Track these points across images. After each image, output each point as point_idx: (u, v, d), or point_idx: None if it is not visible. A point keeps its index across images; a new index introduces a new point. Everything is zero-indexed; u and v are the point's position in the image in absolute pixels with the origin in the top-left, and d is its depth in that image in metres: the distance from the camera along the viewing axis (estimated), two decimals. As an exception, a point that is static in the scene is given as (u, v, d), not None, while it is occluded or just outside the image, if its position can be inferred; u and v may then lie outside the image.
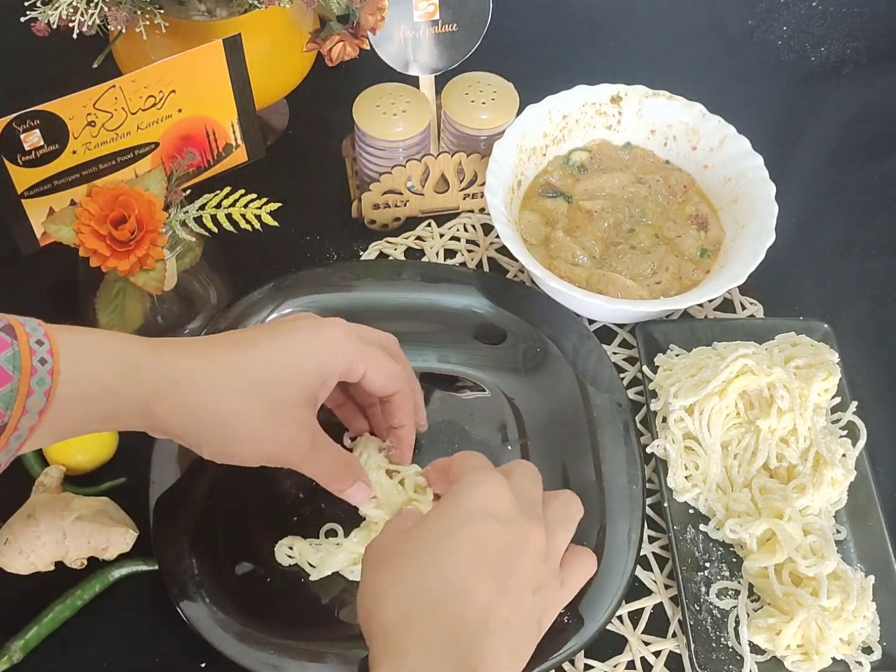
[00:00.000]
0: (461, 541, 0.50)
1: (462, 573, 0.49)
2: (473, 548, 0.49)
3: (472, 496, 0.51)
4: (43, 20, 0.67)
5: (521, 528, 0.51)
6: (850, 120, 0.99)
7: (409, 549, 0.51)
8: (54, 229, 0.65)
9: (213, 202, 0.69)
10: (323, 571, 0.64)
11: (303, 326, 0.59)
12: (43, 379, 0.49)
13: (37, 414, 0.49)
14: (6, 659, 0.62)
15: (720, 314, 0.83)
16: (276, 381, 0.56)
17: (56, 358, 0.50)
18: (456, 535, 0.50)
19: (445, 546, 0.50)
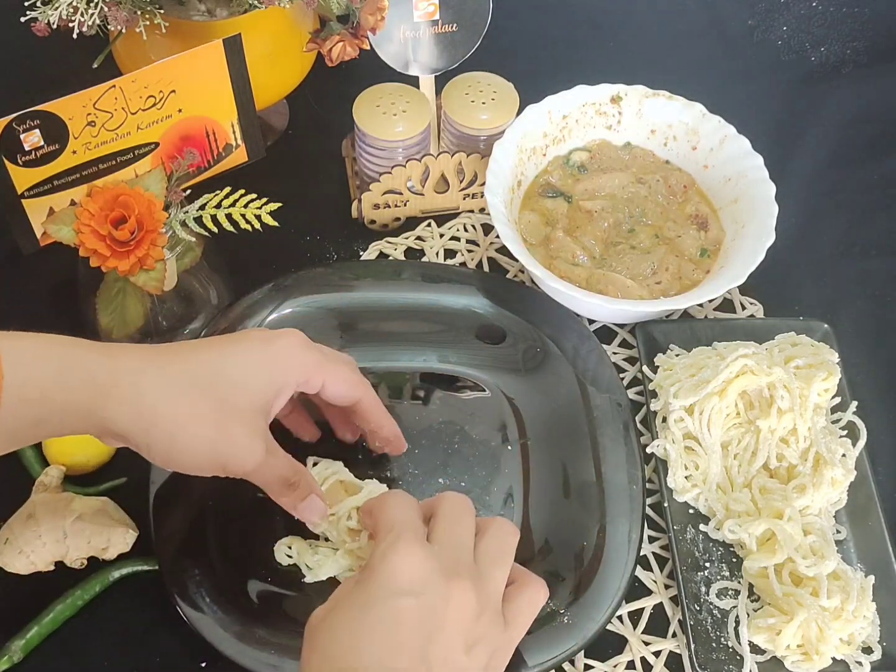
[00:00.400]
0: (375, 621, 0.48)
1: (378, 655, 0.47)
2: (387, 627, 0.48)
3: (384, 570, 0.50)
4: (43, 20, 0.67)
5: (440, 592, 0.49)
6: (850, 120, 0.99)
7: (333, 627, 0.50)
8: (54, 229, 0.65)
9: (213, 202, 0.69)
10: (318, 576, 0.64)
11: (255, 336, 0.58)
12: None
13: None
14: (6, 659, 0.62)
15: (720, 314, 0.83)
16: (228, 385, 0.54)
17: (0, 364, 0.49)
18: (369, 615, 0.48)
19: (363, 628, 0.48)
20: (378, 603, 0.49)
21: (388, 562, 0.50)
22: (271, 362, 0.57)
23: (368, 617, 0.48)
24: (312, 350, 0.59)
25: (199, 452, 0.54)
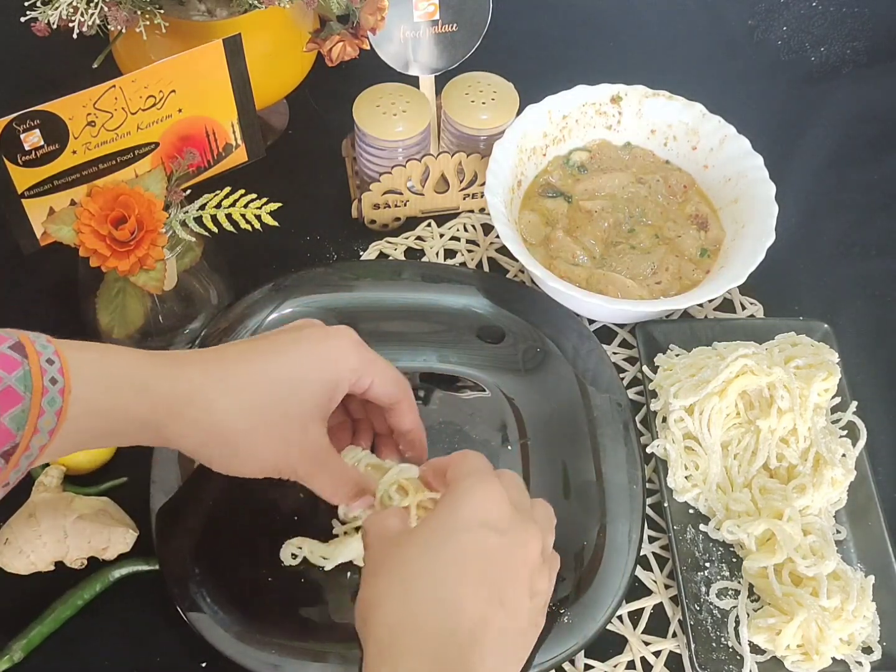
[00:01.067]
0: (454, 551, 0.48)
1: (455, 585, 0.47)
2: (467, 558, 0.48)
3: (467, 503, 0.50)
4: (43, 20, 0.67)
5: (520, 535, 0.50)
6: (850, 120, 0.99)
7: (404, 557, 0.49)
8: (54, 229, 0.65)
9: (213, 202, 0.69)
10: (336, 560, 0.63)
11: (309, 336, 0.59)
12: (54, 399, 0.49)
13: (48, 433, 0.49)
14: (7, 658, 0.62)
15: (720, 314, 0.83)
16: (284, 395, 0.56)
17: (67, 377, 0.49)
18: (449, 544, 0.48)
19: (439, 556, 0.48)
20: (458, 535, 0.48)
21: (474, 495, 0.50)
22: (325, 364, 0.58)
23: (449, 546, 0.48)
24: (363, 350, 0.60)
25: (256, 460, 0.56)
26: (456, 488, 0.51)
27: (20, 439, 0.48)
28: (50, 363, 0.49)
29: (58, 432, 0.50)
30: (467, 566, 0.48)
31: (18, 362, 0.49)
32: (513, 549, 0.49)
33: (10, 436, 0.48)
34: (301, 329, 0.59)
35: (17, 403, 0.48)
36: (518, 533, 0.50)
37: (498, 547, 0.49)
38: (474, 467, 0.53)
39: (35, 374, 0.49)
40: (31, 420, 0.48)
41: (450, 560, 0.48)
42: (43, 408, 0.49)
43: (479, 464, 0.54)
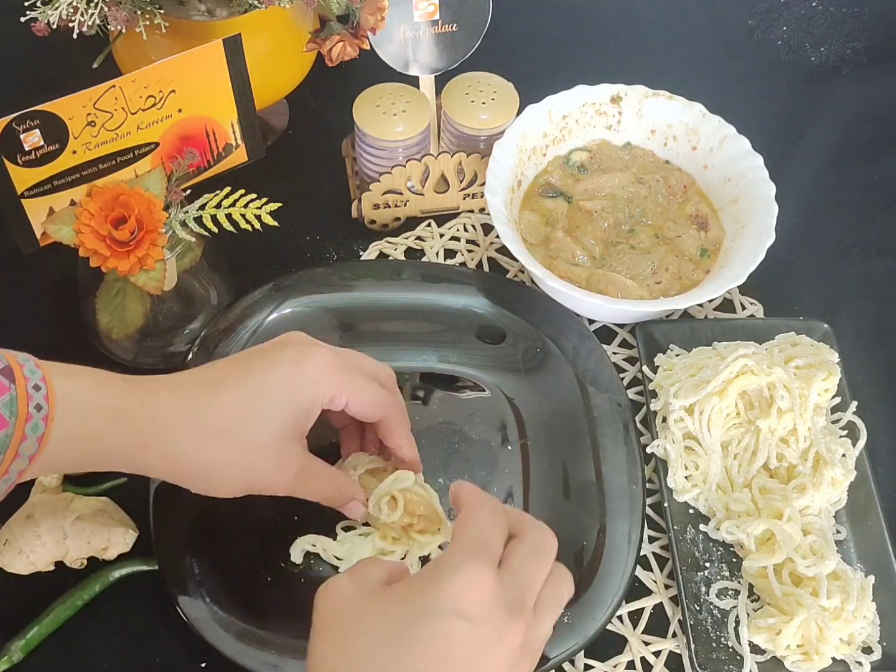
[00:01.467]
0: (422, 638, 0.45)
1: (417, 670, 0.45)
2: (426, 646, 0.45)
3: (445, 587, 0.46)
4: (43, 20, 0.67)
5: (496, 627, 0.46)
6: (850, 120, 0.99)
7: (367, 627, 0.46)
8: (54, 229, 0.65)
9: (213, 202, 0.69)
10: (352, 560, 0.64)
11: (281, 360, 0.58)
12: (37, 425, 0.50)
13: (27, 458, 0.50)
14: (6, 659, 0.62)
15: (720, 314, 0.83)
16: (254, 423, 0.56)
17: (52, 404, 0.50)
18: (417, 629, 0.45)
19: (404, 641, 0.45)
20: (432, 617, 0.45)
21: (456, 579, 0.46)
22: (296, 389, 0.58)
23: (414, 630, 0.45)
24: (336, 374, 0.59)
25: (231, 484, 0.58)
26: (441, 564, 0.48)
27: (0, 463, 0.49)
28: (36, 389, 0.50)
29: (38, 458, 0.50)
30: (426, 655, 0.45)
31: (6, 387, 0.49)
32: (482, 643, 0.46)
33: None
34: (281, 348, 0.59)
35: (1, 429, 0.48)
36: (494, 625, 0.46)
37: (469, 639, 0.45)
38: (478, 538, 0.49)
39: (21, 399, 0.49)
40: (13, 445, 0.49)
41: (408, 645, 0.45)
42: (26, 433, 0.49)
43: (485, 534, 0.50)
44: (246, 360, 0.59)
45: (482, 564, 0.47)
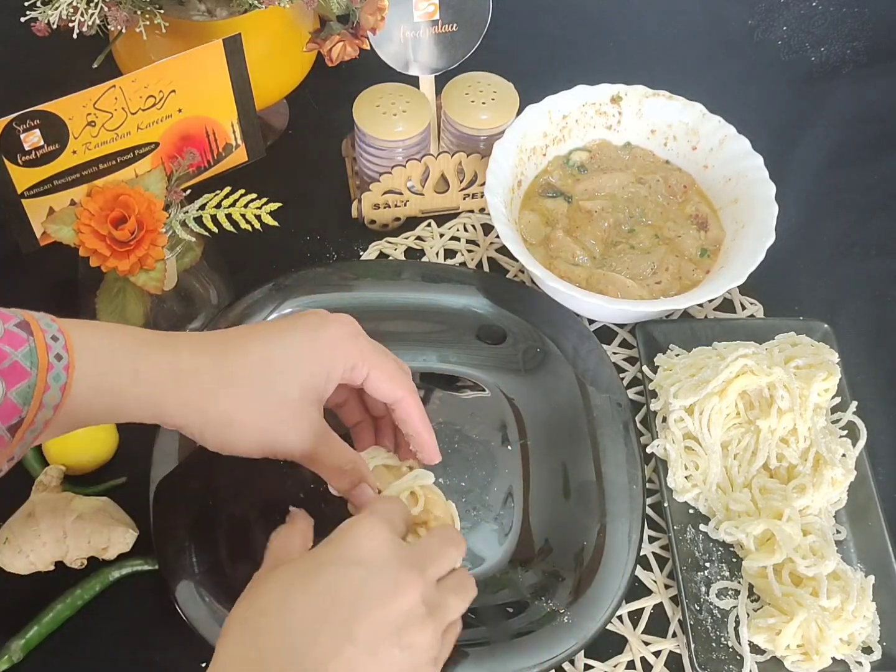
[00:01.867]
0: (316, 584, 0.47)
1: (307, 620, 0.46)
2: (325, 590, 0.47)
3: (345, 537, 0.50)
4: (43, 20, 0.67)
5: (390, 577, 0.48)
6: (850, 120, 0.99)
7: (269, 586, 0.49)
8: (54, 229, 0.65)
9: (213, 202, 0.69)
10: None
11: (306, 323, 0.59)
12: (59, 374, 0.49)
13: (52, 408, 0.50)
14: (6, 658, 0.62)
15: (720, 314, 0.83)
16: (276, 375, 0.56)
17: (71, 353, 0.50)
18: (313, 577, 0.48)
19: (299, 589, 0.48)
20: (326, 566, 0.48)
21: (351, 531, 0.50)
22: (319, 351, 0.57)
23: (311, 578, 0.48)
24: (361, 339, 0.59)
25: (249, 440, 0.56)
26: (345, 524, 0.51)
27: (26, 414, 0.49)
28: (55, 340, 0.50)
29: (62, 408, 0.50)
30: (324, 601, 0.47)
31: (24, 339, 0.49)
32: (375, 587, 0.48)
33: (16, 410, 0.48)
34: (301, 316, 0.60)
35: (24, 379, 0.48)
36: (390, 574, 0.48)
37: (359, 583, 0.48)
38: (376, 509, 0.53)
39: (41, 349, 0.49)
40: (36, 395, 0.49)
41: (307, 594, 0.47)
42: (48, 383, 0.49)
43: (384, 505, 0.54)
44: (266, 325, 0.60)
45: (378, 521, 0.51)
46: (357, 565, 0.48)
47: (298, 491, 0.69)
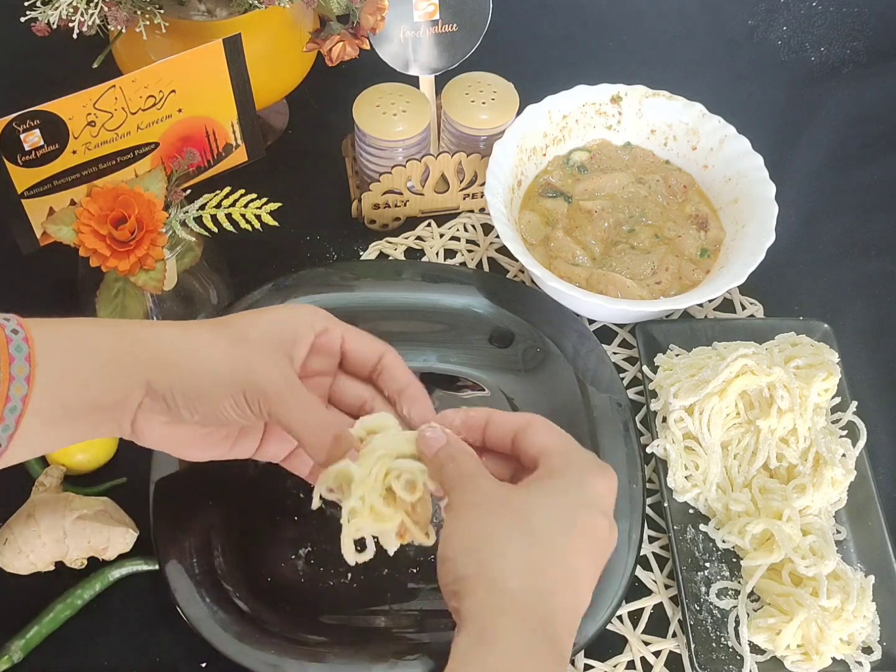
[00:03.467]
0: (583, 530, 0.49)
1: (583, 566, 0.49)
2: (589, 541, 0.49)
3: (594, 487, 0.50)
4: (43, 20, 0.67)
5: (613, 531, 0.51)
6: (850, 120, 0.99)
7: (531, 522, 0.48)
8: (54, 229, 0.65)
9: (213, 202, 0.69)
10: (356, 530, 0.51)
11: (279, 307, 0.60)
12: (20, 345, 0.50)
13: (24, 380, 0.49)
14: (6, 658, 0.62)
15: (720, 314, 0.83)
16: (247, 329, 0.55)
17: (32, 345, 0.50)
18: (578, 522, 0.49)
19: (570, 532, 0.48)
20: (588, 512, 0.49)
21: (600, 482, 0.50)
22: (287, 314, 0.57)
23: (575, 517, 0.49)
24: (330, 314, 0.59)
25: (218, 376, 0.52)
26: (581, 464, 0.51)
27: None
28: (14, 333, 0.50)
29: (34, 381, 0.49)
30: (588, 550, 0.49)
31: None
32: (610, 540, 0.50)
33: None
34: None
35: None
36: (614, 529, 0.51)
37: (604, 534, 0.50)
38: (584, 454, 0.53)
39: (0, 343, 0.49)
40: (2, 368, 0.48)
41: (579, 538, 0.48)
42: (12, 354, 0.49)
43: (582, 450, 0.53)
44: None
45: (611, 474, 0.52)
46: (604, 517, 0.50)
47: (299, 491, 0.69)
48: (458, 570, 0.47)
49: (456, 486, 0.50)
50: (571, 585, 0.48)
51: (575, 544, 0.48)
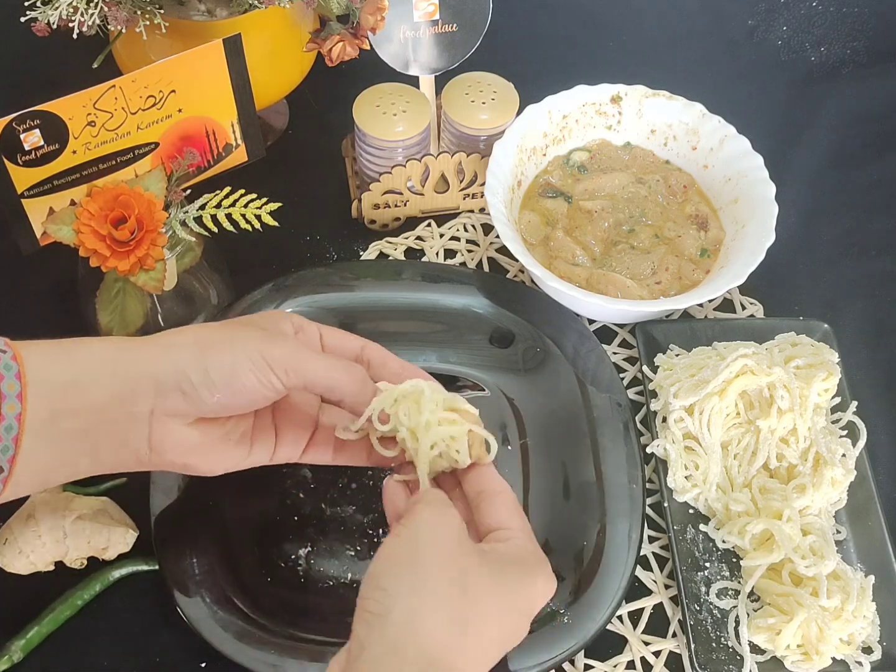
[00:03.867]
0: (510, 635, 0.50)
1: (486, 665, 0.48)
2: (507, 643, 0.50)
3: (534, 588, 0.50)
4: (43, 20, 0.67)
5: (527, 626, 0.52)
6: (850, 120, 0.99)
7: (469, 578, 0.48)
8: (54, 229, 0.65)
9: (213, 202, 0.69)
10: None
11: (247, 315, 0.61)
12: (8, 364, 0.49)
13: (15, 398, 0.48)
14: (7, 659, 0.62)
15: (720, 314, 0.83)
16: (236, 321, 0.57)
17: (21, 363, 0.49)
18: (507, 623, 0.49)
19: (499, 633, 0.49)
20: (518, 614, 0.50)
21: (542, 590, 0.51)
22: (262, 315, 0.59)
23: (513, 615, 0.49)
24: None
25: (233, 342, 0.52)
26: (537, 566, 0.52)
27: None
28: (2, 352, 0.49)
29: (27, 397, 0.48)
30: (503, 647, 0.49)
31: None
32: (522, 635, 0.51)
33: None
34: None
35: None
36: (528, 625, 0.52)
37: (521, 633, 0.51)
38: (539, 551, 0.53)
39: None
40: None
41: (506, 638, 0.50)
42: (3, 392, 0.48)
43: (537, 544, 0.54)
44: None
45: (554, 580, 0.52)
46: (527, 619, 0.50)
47: (299, 491, 0.69)
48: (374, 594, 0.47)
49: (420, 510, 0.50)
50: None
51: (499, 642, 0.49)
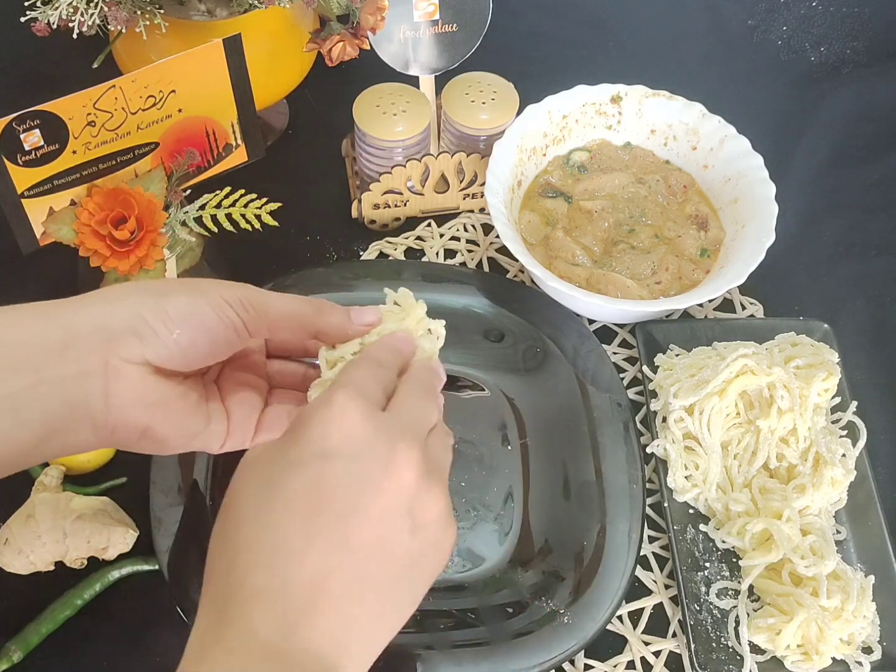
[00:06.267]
0: (293, 490, 0.39)
1: (291, 535, 0.39)
2: (305, 500, 0.39)
3: (313, 426, 0.41)
4: (43, 20, 0.67)
5: (379, 460, 0.40)
6: (850, 120, 0.99)
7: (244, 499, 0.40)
8: (54, 229, 0.65)
9: (213, 202, 0.69)
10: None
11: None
12: None
13: None
14: (6, 659, 0.62)
15: (720, 314, 0.83)
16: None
17: None
18: (288, 482, 0.40)
19: (278, 499, 0.40)
20: (300, 466, 0.40)
21: (318, 417, 0.41)
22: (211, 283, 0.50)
23: (286, 481, 0.40)
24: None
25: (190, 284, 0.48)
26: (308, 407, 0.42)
27: None
28: None
29: None
30: (306, 508, 0.39)
31: None
32: (364, 479, 0.40)
33: None
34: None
35: None
36: (376, 457, 0.40)
37: (341, 479, 0.40)
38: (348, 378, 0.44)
39: None
40: None
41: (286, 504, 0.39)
42: None
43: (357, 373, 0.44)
44: None
45: (345, 396, 0.41)
46: (328, 458, 0.40)
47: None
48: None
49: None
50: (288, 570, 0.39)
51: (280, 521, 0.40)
